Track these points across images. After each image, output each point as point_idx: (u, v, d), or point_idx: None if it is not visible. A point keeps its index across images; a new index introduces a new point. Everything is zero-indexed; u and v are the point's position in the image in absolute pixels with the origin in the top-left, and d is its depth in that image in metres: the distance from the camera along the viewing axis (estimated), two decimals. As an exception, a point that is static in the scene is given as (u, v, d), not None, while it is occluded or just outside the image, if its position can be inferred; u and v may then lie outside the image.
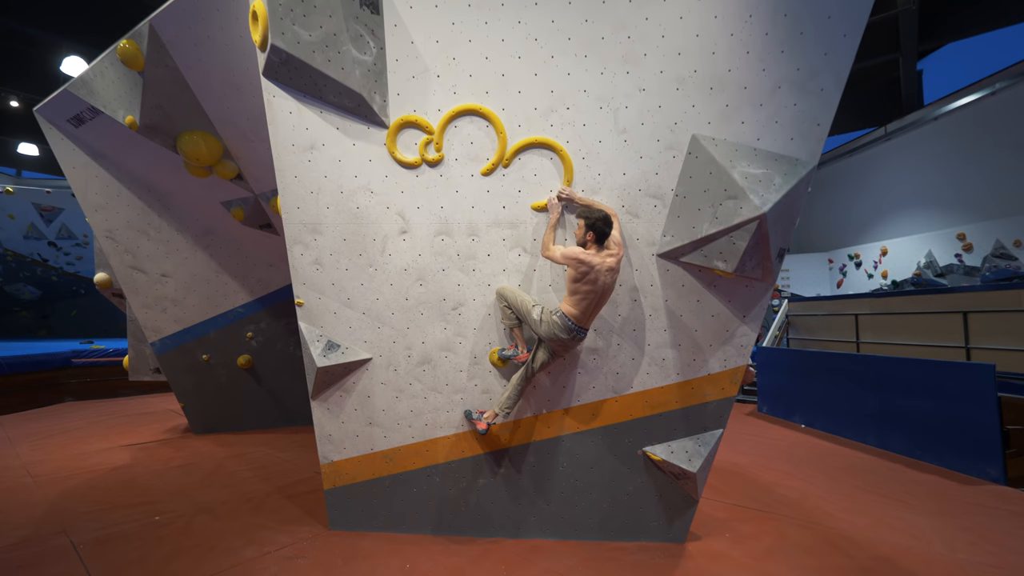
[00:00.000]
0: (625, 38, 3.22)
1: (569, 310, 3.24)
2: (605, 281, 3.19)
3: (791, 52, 3.15)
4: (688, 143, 3.28)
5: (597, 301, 3.24)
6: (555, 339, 3.29)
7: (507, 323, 3.48)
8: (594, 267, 3.16)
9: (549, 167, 3.40)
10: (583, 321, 3.26)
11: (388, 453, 3.78)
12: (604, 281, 3.19)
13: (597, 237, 3.20)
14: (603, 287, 3.20)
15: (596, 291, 3.19)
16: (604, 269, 3.18)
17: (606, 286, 3.21)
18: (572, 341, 3.30)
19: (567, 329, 3.24)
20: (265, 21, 3.12)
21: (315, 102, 3.37)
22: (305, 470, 5.41)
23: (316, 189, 3.47)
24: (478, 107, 3.33)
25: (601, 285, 3.19)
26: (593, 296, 3.20)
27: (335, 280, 3.58)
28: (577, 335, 3.27)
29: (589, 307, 3.23)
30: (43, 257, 13.96)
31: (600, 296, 3.22)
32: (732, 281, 3.39)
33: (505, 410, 3.48)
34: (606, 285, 3.21)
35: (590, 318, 3.29)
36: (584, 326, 3.28)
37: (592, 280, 3.17)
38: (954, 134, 10.03)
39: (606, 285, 3.21)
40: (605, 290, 3.22)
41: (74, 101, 5.18)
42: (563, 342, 3.30)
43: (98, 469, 5.40)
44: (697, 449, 3.60)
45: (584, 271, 3.16)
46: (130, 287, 6.22)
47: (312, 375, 3.61)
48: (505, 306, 3.44)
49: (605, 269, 3.18)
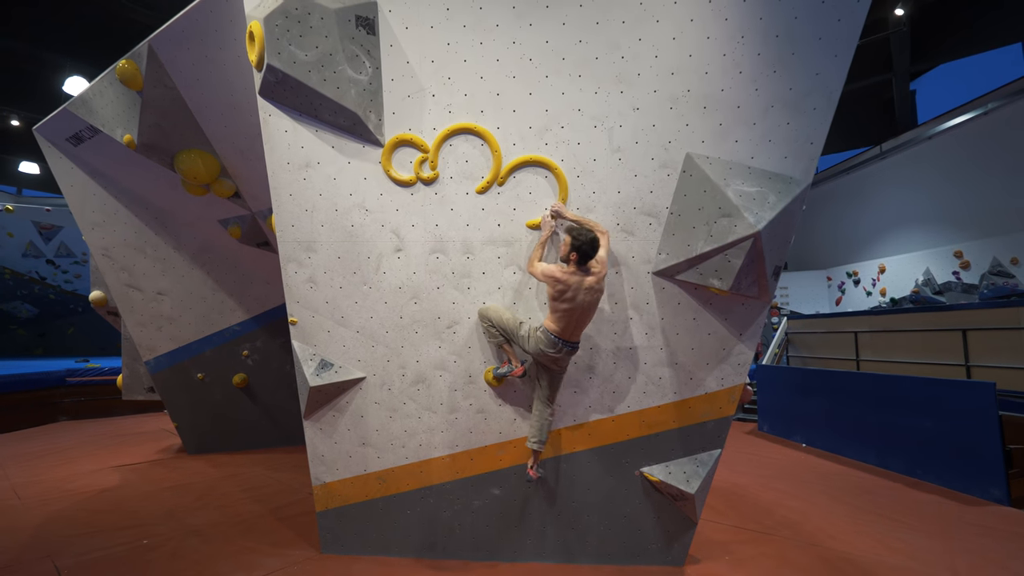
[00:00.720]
0: (619, 58, 3.25)
1: (551, 326, 3.23)
2: (584, 300, 3.18)
3: (783, 72, 3.18)
4: (682, 161, 3.29)
5: (578, 318, 3.22)
6: (543, 354, 3.27)
7: (493, 342, 3.46)
8: (571, 286, 3.15)
9: (544, 185, 3.40)
10: (567, 335, 3.24)
11: (381, 474, 3.71)
12: (583, 300, 3.17)
13: (580, 258, 3.18)
14: (582, 305, 3.18)
15: (575, 309, 3.18)
16: (583, 288, 3.17)
17: (585, 304, 3.19)
18: (561, 355, 3.27)
19: (552, 344, 3.23)
20: (262, 41, 3.15)
21: (311, 121, 3.38)
22: (298, 491, 5.33)
23: (311, 207, 3.46)
24: (473, 126, 3.34)
25: (580, 303, 3.17)
26: (572, 313, 3.19)
27: (329, 298, 3.56)
28: (564, 348, 3.25)
29: (570, 324, 3.22)
30: (41, 275, 13.94)
31: (581, 314, 3.21)
32: (728, 299, 3.37)
33: (539, 443, 3.44)
34: (585, 303, 3.19)
35: (574, 333, 3.26)
36: (569, 339, 3.26)
37: (570, 299, 3.16)
38: (949, 153, 10.13)
39: (585, 303, 3.19)
40: (585, 308, 3.20)
41: (73, 120, 5.22)
42: (552, 357, 3.28)
43: (87, 491, 5.31)
44: (695, 470, 3.54)
45: (561, 289, 3.16)
46: (126, 305, 6.20)
47: (305, 394, 3.57)
48: (489, 326, 3.42)
49: (584, 288, 3.17)
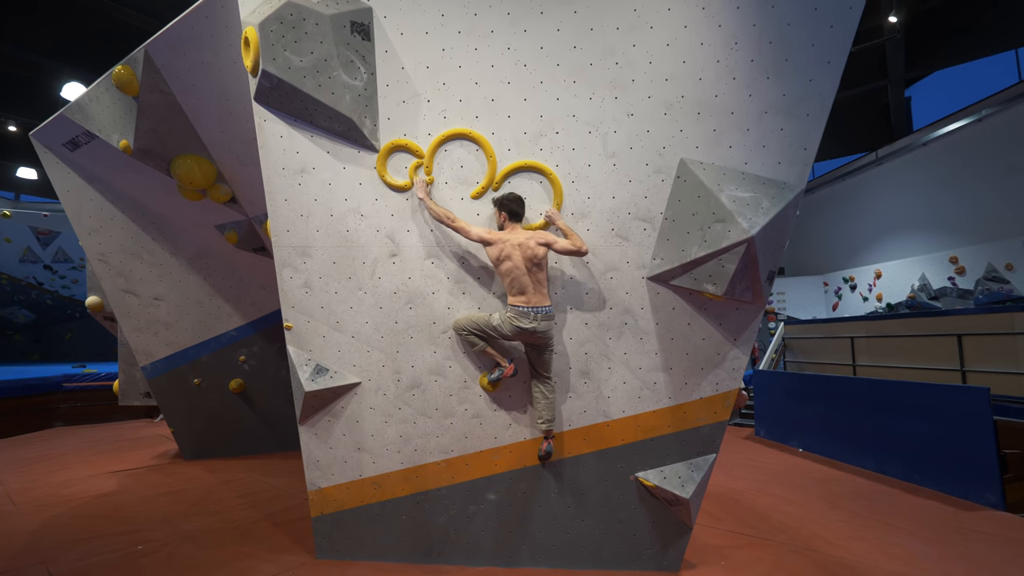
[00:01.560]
0: (613, 64, 3.27)
1: (514, 300, 3.29)
2: (522, 257, 3.24)
3: (777, 78, 3.20)
4: (677, 167, 3.31)
5: (527, 278, 3.26)
6: (522, 332, 3.28)
7: (475, 349, 3.46)
8: (504, 244, 3.25)
9: (539, 191, 3.41)
10: (531, 301, 3.27)
11: (376, 479, 3.71)
12: (520, 257, 3.24)
13: (510, 215, 3.31)
14: (521, 264, 3.24)
15: (515, 268, 3.24)
16: (515, 244, 3.24)
17: (526, 260, 3.24)
18: (538, 324, 3.27)
19: (523, 315, 3.25)
20: (257, 47, 3.17)
21: (306, 126, 3.39)
22: (295, 496, 5.31)
23: (306, 212, 3.47)
24: (468, 131, 3.36)
25: (518, 260, 3.24)
26: (517, 272, 3.25)
27: (324, 303, 3.56)
28: (537, 314, 3.26)
29: (524, 286, 3.27)
30: (38, 280, 13.92)
31: (527, 273, 3.26)
32: (723, 304, 3.38)
33: (548, 422, 3.45)
34: (525, 259, 3.24)
35: (536, 295, 3.29)
36: (537, 304, 3.28)
37: (507, 257, 3.25)
38: (944, 159, 10.18)
39: (525, 259, 3.24)
40: (528, 266, 3.25)
41: (70, 126, 5.23)
42: (531, 330, 3.27)
43: (83, 496, 5.29)
44: (690, 474, 3.54)
45: (496, 252, 3.27)
46: (122, 310, 6.19)
47: (300, 399, 3.56)
48: (467, 334, 3.42)
49: (516, 244, 3.24)
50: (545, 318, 3.30)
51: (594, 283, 3.46)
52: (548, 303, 3.33)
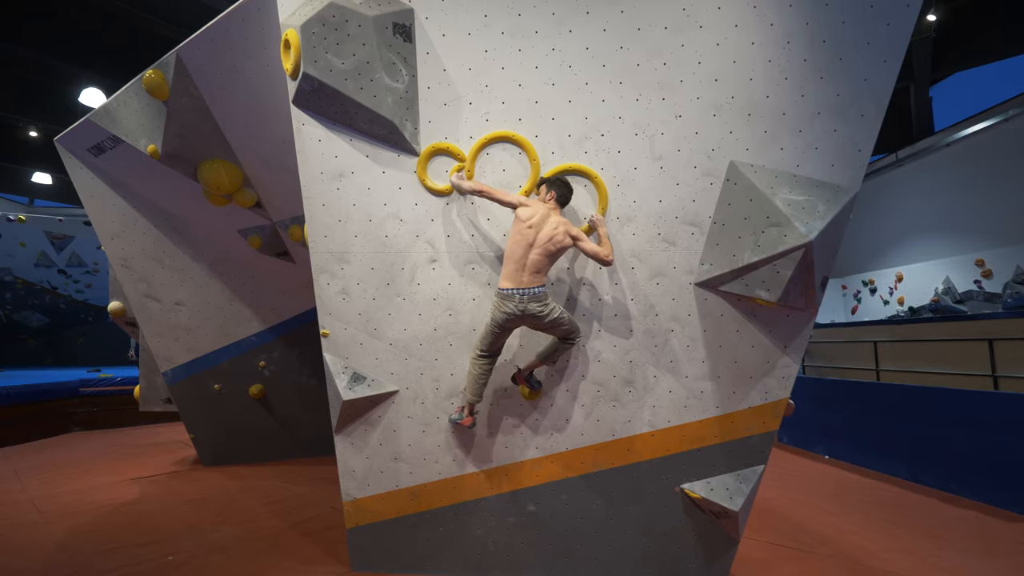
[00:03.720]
0: (661, 64, 3.18)
1: (500, 284, 3.16)
2: (546, 234, 3.10)
3: (830, 78, 3.11)
4: (726, 170, 3.22)
5: (531, 254, 3.11)
6: (511, 318, 3.13)
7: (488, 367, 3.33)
8: (537, 212, 3.13)
9: (583, 195, 3.33)
10: (516, 280, 3.10)
11: (414, 490, 3.62)
12: (543, 234, 3.10)
13: (557, 198, 3.19)
14: (542, 239, 3.10)
15: (530, 241, 3.10)
16: (549, 221, 3.12)
17: (547, 242, 3.10)
18: (526, 307, 3.09)
19: (507, 298, 3.10)
20: (298, 49, 3.10)
21: (345, 130, 3.32)
22: (320, 505, 5.23)
23: (344, 217, 3.40)
24: (511, 134, 3.28)
25: (537, 236, 3.10)
26: (525, 247, 3.10)
27: (362, 310, 3.48)
28: (524, 296, 3.09)
29: (521, 264, 3.10)
30: (52, 285, 13.93)
31: (536, 249, 3.10)
32: (773, 311, 3.28)
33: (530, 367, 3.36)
34: (547, 240, 3.10)
35: (522, 274, 3.11)
36: (525, 285, 3.10)
37: (534, 224, 3.11)
38: (969, 160, 10.01)
39: (547, 240, 3.10)
40: (545, 247, 3.10)
41: (95, 130, 5.18)
42: (522, 316, 3.11)
43: (107, 504, 5.23)
44: (738, 486, 3.44)
45: (528, 215, 3.12)
46: (144, 316, 6.14)
47: (337, 408, 3.48)
48: (486, 358, 3.30)
49: (551, 223, 3.12)
50: (533, 299, 3.09)
51: (640, 289, 3.37)
52: (538, 284, 3.13)
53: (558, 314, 3.17)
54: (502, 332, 3.24)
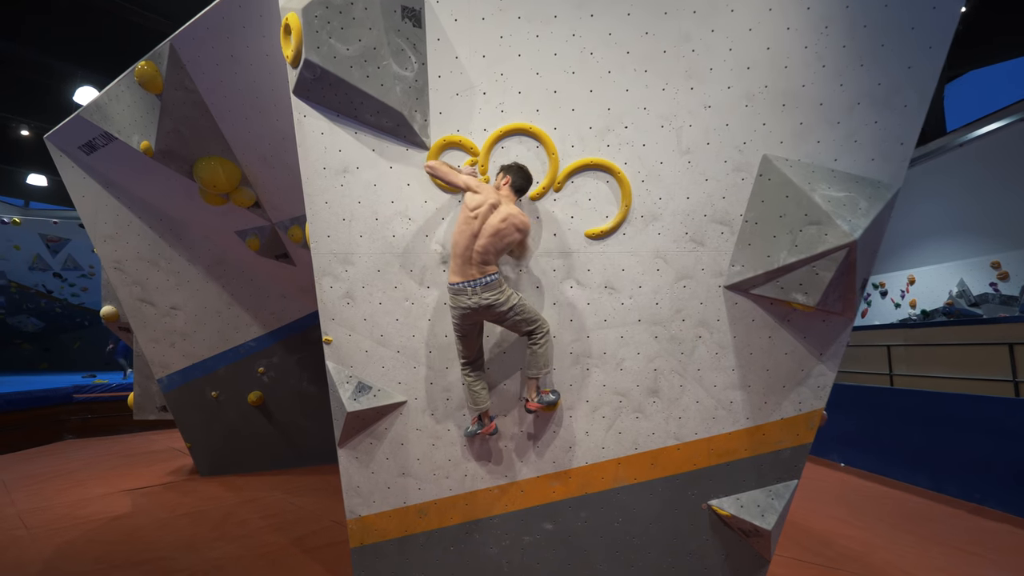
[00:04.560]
0: (689, 51, 2.97)
1: (449, 279, 2.95)
2: (492, 224, 2.85)
3: (871, 66, 2.90)
4: (759, 164, 3.01)
5: (474, 242, 2.86)
6: (469, 312, 2.92)
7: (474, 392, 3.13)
8: (487, 195, 2.88)
9: (605, 191, 3.11)
10: (459, 274, 2.90)
11: (422, 507, 3.39)
12: (489, 224, 2.85)
13: (512, 185, 2.94)
14: (489, 229, 2.85)
15: (475, 232, 2.86)
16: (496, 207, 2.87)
17: (495, 233, 2.86)
18: (480, 297, 2.87)
19: (459, 292, 2.89)
20: (299, 35, 2.88)
21: (349, 122, 3.10)
22: (321, 519, 4.99)
23: (348, 216, 3.17)
24: (528, 126, 3.06)
25: (484, 226, 2.85)
26: (470, 237, 2.86)
27: (367, 315, 3.25)
28: (476, 287, 2.87)
29: (468, 256, 2.87)
30: (48, 288, 13.68)
31: (473, 237, 2.86)
32: (808, 316, 3.06)
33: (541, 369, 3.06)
34: (495, 231, 2.85)
35: (464, 266, 2.89)
36: (473, 276, 2.88)
37: (480, 215, 2.86)
38: (982, 161, 9.81)
39: (495, 231, 2.85)
40: (492, 238, 2.86)
41: (87, 127, 4.96)
42: (477, 309, 2.90)
43: (98, 518, 4.99)
44: (770, 503, 3.21)
45: (476, 202, 2.87)
46: (138, 320, 5.91)
47: (341, 420, 3.25)
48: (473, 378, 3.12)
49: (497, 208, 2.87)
50: (486, 288, 2.87)
51: (665, 292, 3.15)
52: (489, 271, 2.89)
53: (516, 301, 2.94)
54: (467, 332, 3.02)
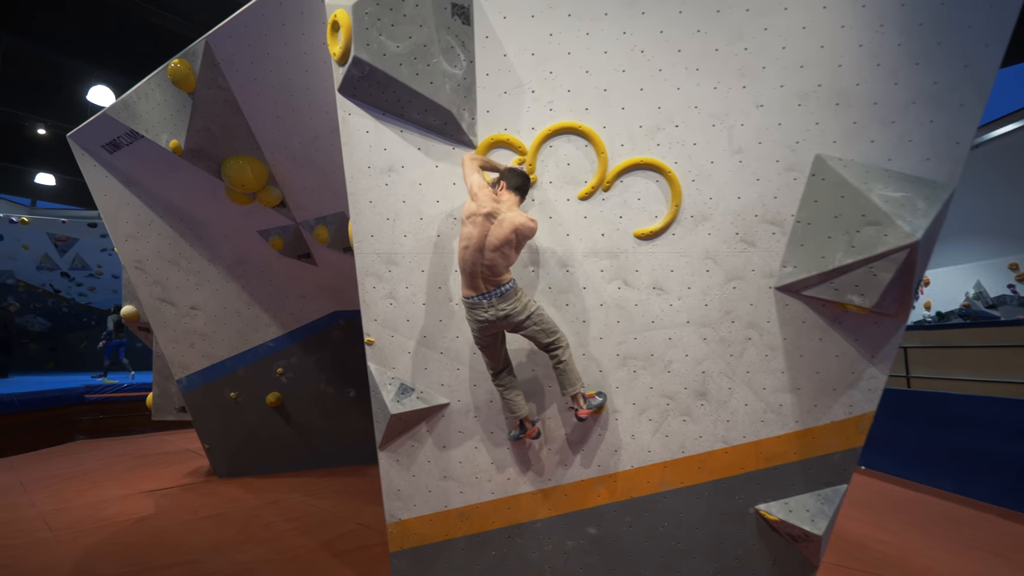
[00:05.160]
0: (741, 50, 2.93)
1: (463, 292, 2.86)
2: (486, 232, 2.69)
3: (927, 64, 2.86)
4: (811, 164, 2.96)
5: (472, 256, 2.73)
6: (487, 325, 2.84)
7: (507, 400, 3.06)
8: (480, 202, 2.71)
9: (655, 190, 3.06)
10: (479, 287, 2.77)
11: (464, 511, 3.34)
12: (486, 231, 2.70)
13: (508, 186, 2.78)
14: (480, 237, 2.70)
15: (471, 244, 2.72)
16: (490, 213, 2.69)
17: (484, 240, 2.70)
18: (496, 310, 2.77)
19: (474, 307, 2.81)
20: (348, 32, 2.84)
21: (396, 120, 3.06)
22: (347, 521, 4.94)
23: (393, 215, 3.13)
24: (577, 125, 3.01)
25: (481, 235, 2.70)
26: (467, 244, 2.73)
27: (411, 316, 3.21)
28: (491, 298, 2.77)
29: (473, 271, 2.75)
30: (55, 288, 13.60)
31: (478, 252, 2.71)
32: (860, 317, 3.02)
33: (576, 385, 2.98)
34: (494, 239, 2.69)
35: (473, 280, 2.77)
36: (485, 289, 2.77)
37: (473, 223, 2.72)
38: (998, 162, 9.80)
39: (494, 239, 2.69)
40: (489, 247, 2.70)
41: (112, 126, 4.91)
42: (495, 321, 2.81)
43: (121, 520, 4.93)
44: (820, 507, 3.17)
45: (468, 211, 2.74)
46: (158, 320, 5.85)
47: (383, 423, 3.20)
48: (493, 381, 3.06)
49: (493, 214, 2.70)
50: (501, 299, 2.76)
51: (715, 294, 3.10)
52: (503, 281, 2.76)
53: (534, 309, 2.86)
54: (487, 344, 2.95)
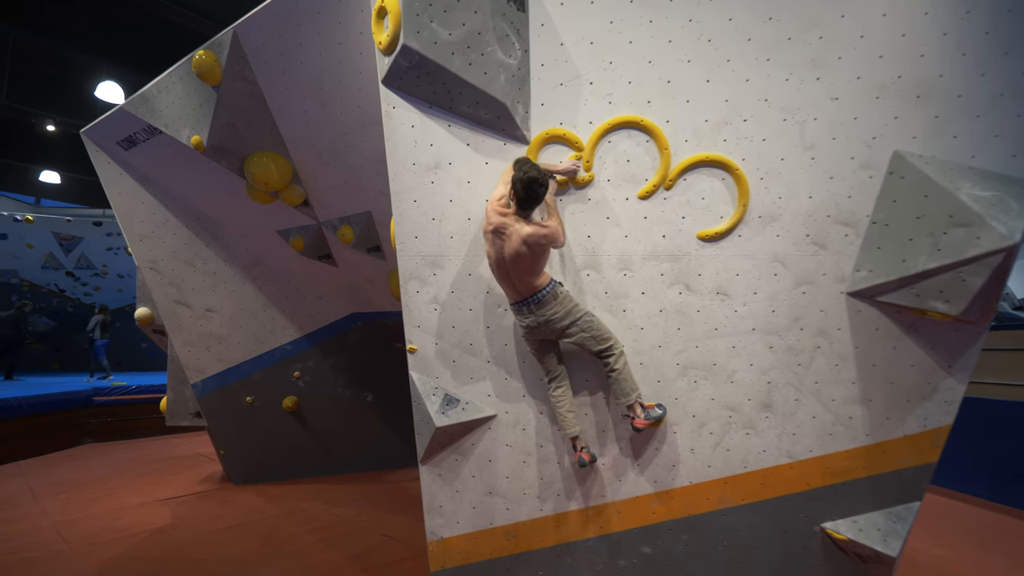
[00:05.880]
0: (816, 39, 2.73)
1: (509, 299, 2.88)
2: (501, 248, 2.68)
3: (1017, 54, 2.67)
4: (889, 161, 2.77)
5: (500, 272, 2.76)
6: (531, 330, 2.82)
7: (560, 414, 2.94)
8: (489, 221, 2.70)
9: (720, 189, 2.87)
10: (520, 293, 2.76)
11: (510, 528, 3.15)
12: (500, 247, 2.68)
13: (515, 198, 2.64)
14: (498, 254, 2.70)
15: (492, 256, 2.75)
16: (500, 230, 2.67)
17: (511, 256, 2.65)
18: (536, 315, 2.75)
19: (518, 313, 2.82)
20: (397, 18, 2.64)
21: (443, 114, 2.86)
22: (372, 533, 4.74)
23: (439, 215, 2.93)
24: (638, 119, 2.82)
25: (497, 251, 2.70)
26: (495, 259, 2.74)
27: (456, 322, 3.01)
28: (531, 305, 2.75)
29: (497, 278, 2.82)
30: (60, 287, 13.39)
31: (503, 265, 2.71)
32: (939, 325, 2.83)
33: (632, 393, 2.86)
34: (510, 254, 2.65)
35: (511, 290, 2.78)
36: (525, 295, 2.74)
37: (487, 239, 2.74)
38: None
39: (510, 254, 2.65)
40: (510, 261, 2.67)
41: (129, 121, 4.71)
42: (537, 327, 2.79)
43: (138, 531, 4.73)
44: (891, 526, 2.98)
45: (484, 228, 2.76)
46: (173, 323, 5.65)
47: (427, 436, 3.01)
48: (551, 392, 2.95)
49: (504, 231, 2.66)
50: (539, 305, 2.72)
51: (783, 299, 2.91)
52: (539, 286, 2.72)
53: (580, 315, 2.77)
54: (537, 347, 2.88)
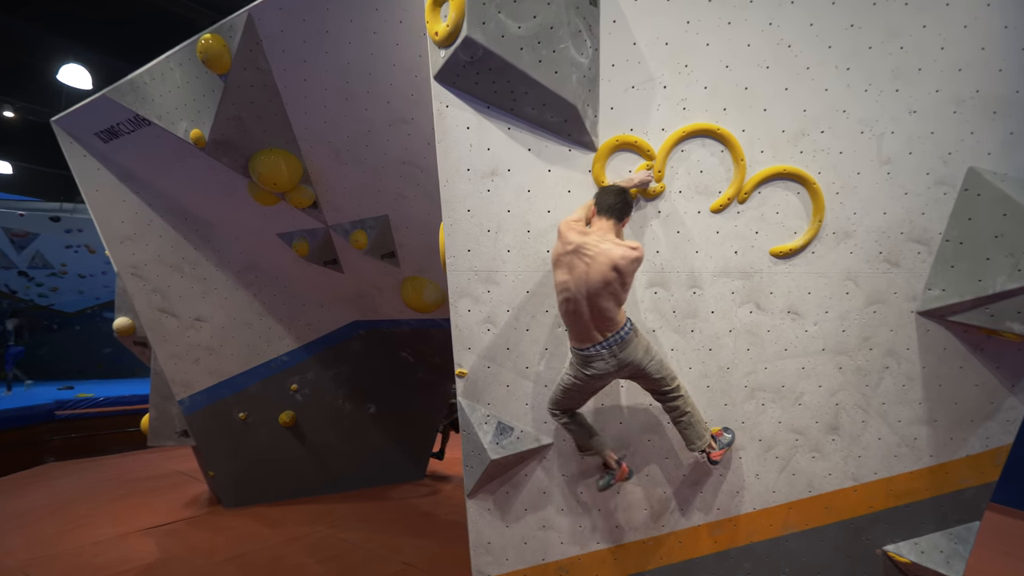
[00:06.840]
0: (897, 48, 2.62)
1: (571, 343, 2.50)
2: (583, 274, 2.28)
3: (1094, 71, 2.62)
4: (963, 178, 2.69)
5: (574, 306, 2.33)
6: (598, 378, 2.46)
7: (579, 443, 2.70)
8: (566, 241, 2.33)
9: (795, 204, 2.73)
10: (590, 338, 2.37)
11: (564, 563, 2.94)
12: (581, 274, 2.28)
13: (599, 210, 2.41)
14: (578, 282, 2.29)
15: (568, 285, 2.32)
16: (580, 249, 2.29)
17: (582, 283, 2.28)
18: (615, 360, 2.39)
19: (586, 361, 2.42)
20: (460, 7, 2.38)
21: (503, 115, 2.62)
22: (389, 560, 4.45)
23: (495, 227, 2.69)
24: (714, 127, 2.64)
25: (577, 279, 2.29)
26: (565, 294, 2.35)
27: (511, 344, 2.78)
28: (606, 350, 2.38)
29: (568, 317, 2.40)
30: (11, 288, 12.34)
31: (577, 302, 2.31)
32: (1005, 343, 2.77)
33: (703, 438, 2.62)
34: (591, 280, 2.27)
35: (582, 333, 2.38)
36: (597, 340, 2.37)
37: (561, 265, 2.35)
38: None
39: (591, 280, 2.27)
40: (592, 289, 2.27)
41: (113, 110, 4.25)
42: (608, 374, 2.44)
43: (123, 569, 4.29)
44: (953, 548, 2.93)
45: (554, 255, 2.41)
46: (158, 334, 5.19)
47: (479, 469, 2.76)
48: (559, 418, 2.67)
49: (582, 250, 2.28)
50: (623, 345, 2.37)
51: (853, 318, 2.80)
52: (615, 329, 2.36)
53: (654, 351, 2.50)
54: (589, 391, 2.59)
